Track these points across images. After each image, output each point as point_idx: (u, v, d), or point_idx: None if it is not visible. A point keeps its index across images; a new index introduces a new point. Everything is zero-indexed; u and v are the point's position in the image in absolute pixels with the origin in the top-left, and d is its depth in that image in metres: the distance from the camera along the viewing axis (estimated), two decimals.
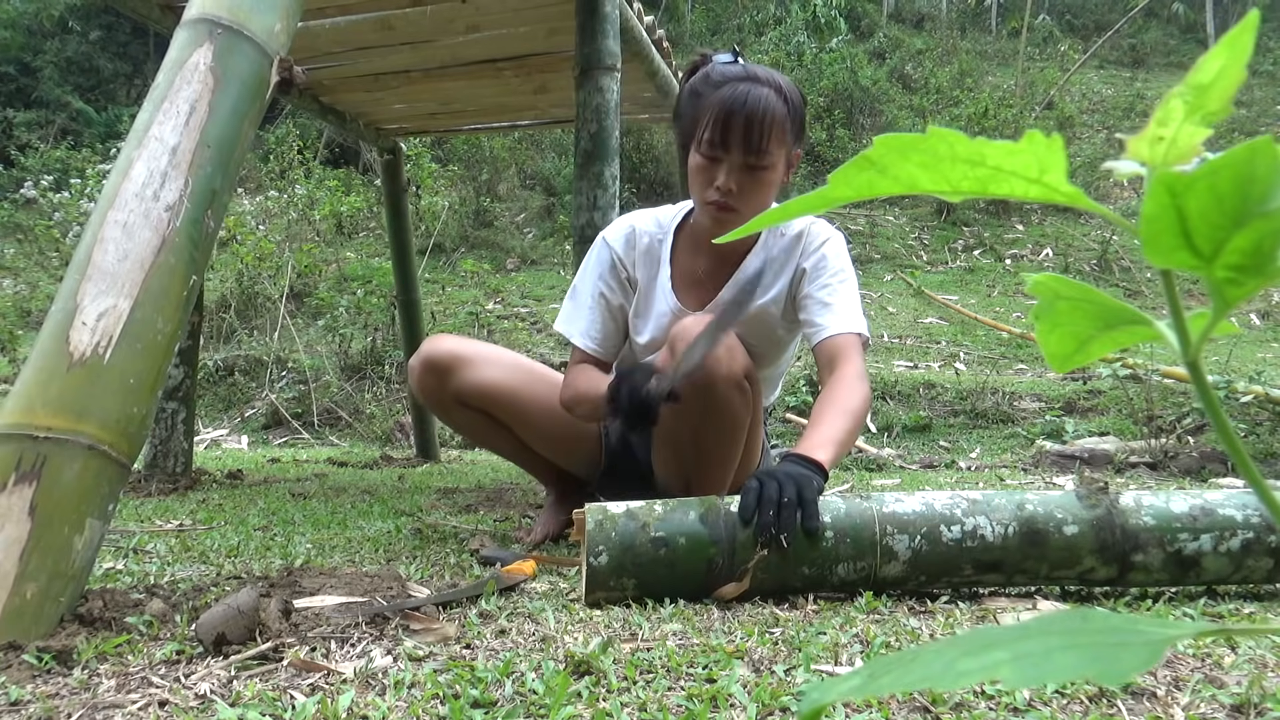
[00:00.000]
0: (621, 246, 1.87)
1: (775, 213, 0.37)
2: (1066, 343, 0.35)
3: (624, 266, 1.87)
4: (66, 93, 14.55)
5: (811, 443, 1.48)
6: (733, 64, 1.69)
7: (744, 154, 1.63)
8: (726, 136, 1.62)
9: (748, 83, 1.62)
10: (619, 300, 1.88)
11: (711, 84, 1.66)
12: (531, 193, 12.37)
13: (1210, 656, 0.99)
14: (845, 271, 1.79)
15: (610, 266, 1.87)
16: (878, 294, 9.13)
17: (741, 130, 1.61)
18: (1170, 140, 0.28)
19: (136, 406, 1.14)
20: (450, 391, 1.85)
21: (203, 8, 1.32)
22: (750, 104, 1.60)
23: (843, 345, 1.68)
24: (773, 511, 1.28)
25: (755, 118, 1.60)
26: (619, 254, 1.87)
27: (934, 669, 0.30)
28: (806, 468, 1.41)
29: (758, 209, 1.70)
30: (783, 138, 1.65)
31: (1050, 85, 14.68)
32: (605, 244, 1.89)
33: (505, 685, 0.88)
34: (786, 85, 1.67)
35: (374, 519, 2.25)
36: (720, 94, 1.62)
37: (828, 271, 1.77)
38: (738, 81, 1.63)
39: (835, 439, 1.50)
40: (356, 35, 3.17)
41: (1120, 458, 3.89)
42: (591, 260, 1.90)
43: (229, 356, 7.14)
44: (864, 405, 1.59)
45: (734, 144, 1.62)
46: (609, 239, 1.89)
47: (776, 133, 1.63)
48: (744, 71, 1.65)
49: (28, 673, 0.92)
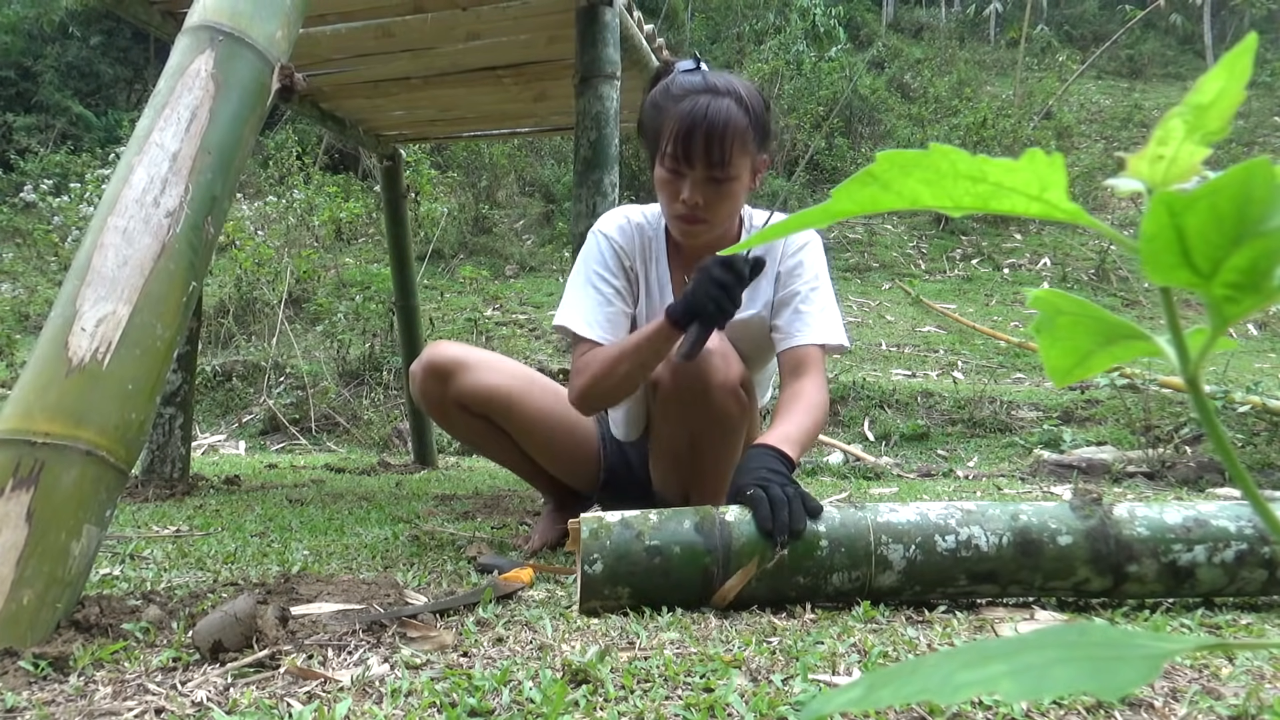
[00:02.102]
0: (620, 236, 1.84)
1: (776, 228, 0.37)
2: (1067, 356, 0.35)
3: (625, 254, 1.84)
4: (66, 97, 14.56)
5: (779, 435, 1.50)
6: (694, 73, 1.68)
7: (707, 168, 1.62)
8: (688, 151, 1.61)
9: (707, 95, 1.61)
10: (623, 288, 1.83)
11: (672, 97, 1.64)
12: (531, 199, 12.39)
13: (1208, 668, 0.99)
14: (821, 278, 1.78)
15: (612, 255, 1.83)
16: (876, 302, 9.14)
17: (703, 145, 1.59)
18: (1170, 159, 0.28)
19: (135, 412, 1.14)
20: (452, 396, 1.83)
21: (204, 14, 1.32)
22: (710, 117, 1.58)
23: (809, 356, 1.70)
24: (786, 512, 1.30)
25: (715, 131, 1.59)
26: (619, 243, 1.83)
27: (933, 681, 0.30)
28: (781, 461, 1.42)
29: (725, 218, 1.70)
30: (745, 147, 1.63)
31: (1048, 95, 14.73)
32: (601, 235, 1.85)
33: (503, 694, 0.88)
34: (747, 92, 1.65)
35: (371, 526, 2.25)
36: (680, 108, 1.61)
37: (802, 279, 1.77)
38: (697, 94, 1.61)
39: (800, 439, 1.52)
40: (357, 42, 3.18)
41: (1118, 467, 3.89)
42: (589, 252, 1.85)
43: (227, 362, 7.14)
44: (826, 413, 1.64)
45: (696, 158, 1.61)
46: (604, 230, 1.85)
47: (738, 143, 1.61)
48: (703, 83, 1.63)
49: (24, 679, 0.91)
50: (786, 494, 1.32)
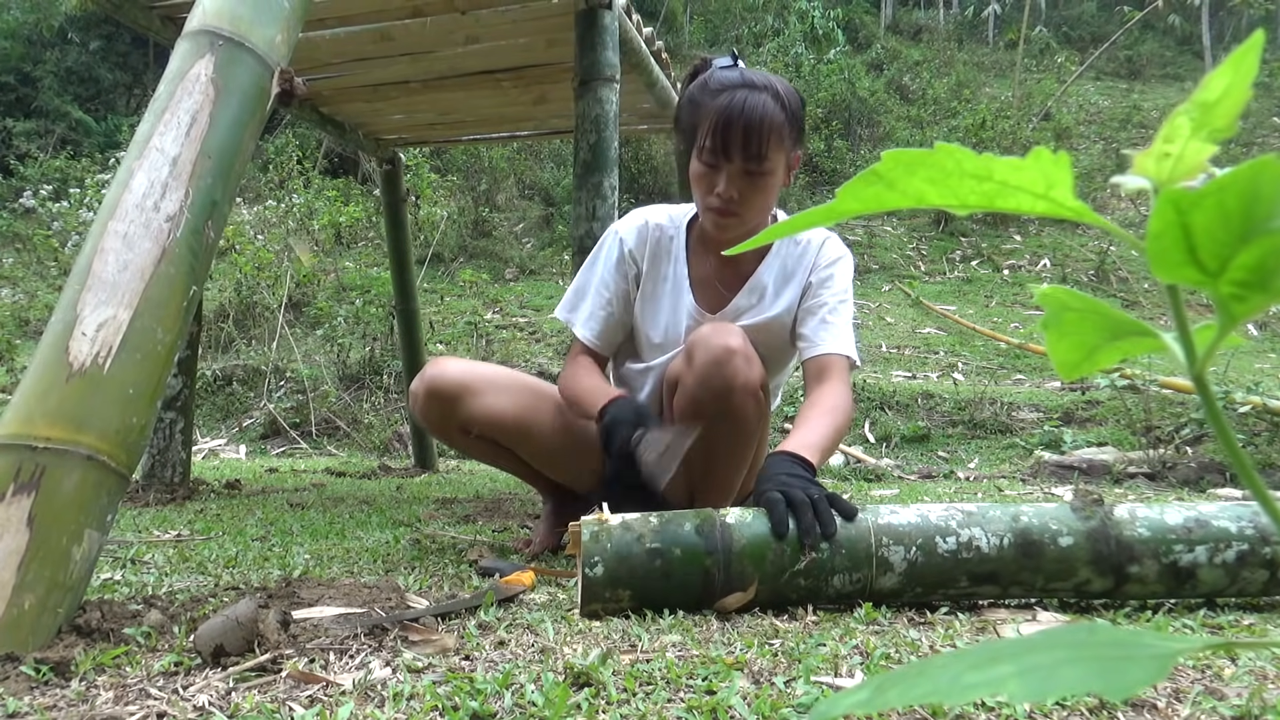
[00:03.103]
0: (634, 240, 1.87)
1: (783, 226, 0.37)
2: (1074, 351, 0.36)
3: (633, 261, 1.87)
4: (66, 102, 14.57)
5: (800, 442, 1.50)
6: (731, 69, 1.70)
7: (743, 161, 1.64)
8: (726, 144, 1.63)
9: (745, 90, 1.63)
10: (624, 294, 1.87)
11: (709, 91, 1.67)
12: (530, 203, 12.39)
13: (1210, 668, 0.99)
14: (848, 294, 1.82)
15: (619, 259, 1.87)
16: (876, 304, 9.14)
17: (740, 138, 1.62)
18: (1177, 157, 0.28)
19: (136, 417, 1.14)
20: (457, 422, 1.82)
21: (204, 19, 1.32)
22: (748, 111, 1.61)
23: (834, 364, 1.72)
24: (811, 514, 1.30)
25: (753, 125, 1.61)
26: (630, 247, 1.87)
27: (940, 682, 0.30)
28: (801, 466, 1.42)
29: (759, 213, 1.72)
30: (781, 142, 1.66)
31: (1047, 96, 14.75)
32: (616, 236, 1.88)
33: (505, 697, 0.88)
34: (784, 89, 1.68)
35: (372, 529, 2.24)
36: (718, 102, 1.64)
37: (832, 291, 1.79)
38: (735, 89, 1.64)
39: (821, 444, 1.53)
40: (356, 46, 3.18)
41: (1119, 468, 3.89)
42: (601, 251, 1.89)
43: (227, 366, 7.14)
44: (849, 418, 1.65)
45: (733, 151, 1.64)
46: (621, 231, 1.89)
47: (775, 138, 1.64)
48: (741, 78, 1.66)
49: (25, 684, 0.91)
50: (810, 496, 1.32)
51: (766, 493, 1.35)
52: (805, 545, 1.28)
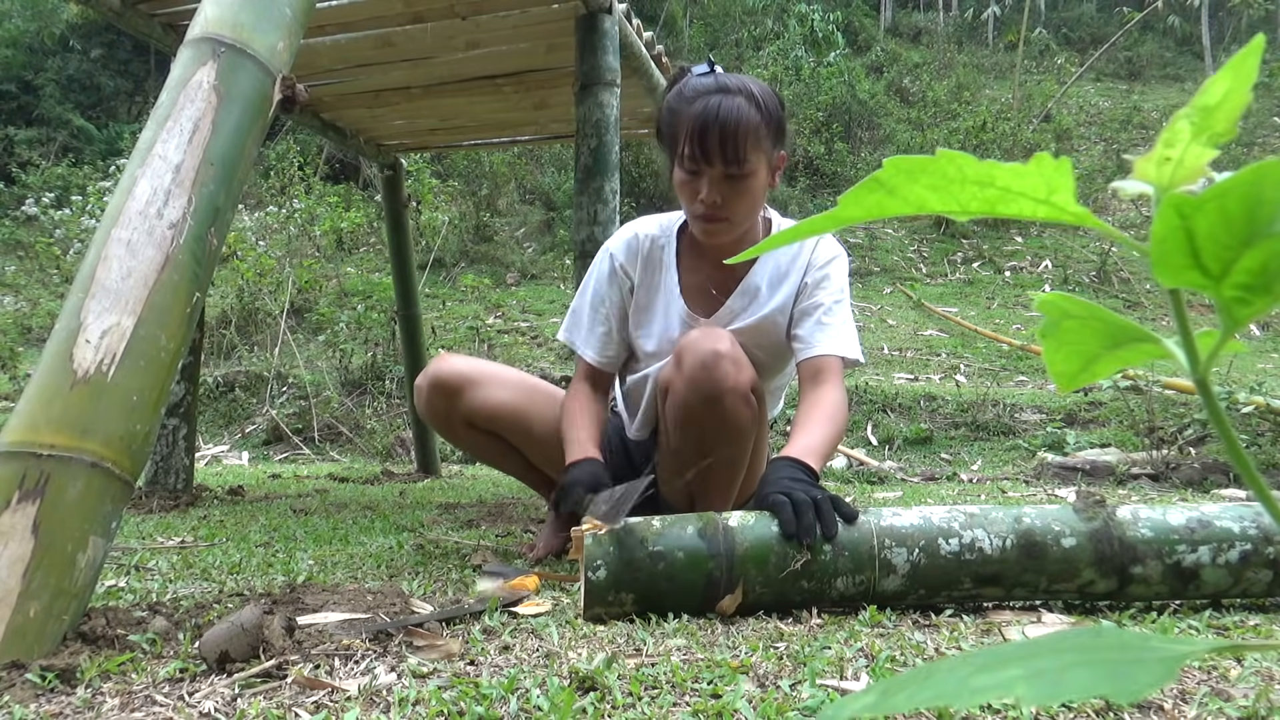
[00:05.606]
0: (623, 254, 1.88)
1: (785, 234, 0.37)
2: (1073, 361, 0.35)
3: (625, 275, 1.88)
4: (67, 110, 14.60)
5: (801, 448, 1.52)
6: (707, 75, 1.71)
7: (724, 165, 1.65)
8: (705, 150, 1.64)
9: (719, 94, 1.64)
10: (619, 308, 1.89)
11: (685, 99, 1.68)
12: (531, 208, 12.40)
13: (1216, 669, 0.99)
14: (844, 294, 1.82)
15: (610, 274, 1.88)
16: (877, 306, 9.14)
17: (718, 142, 1.63)
18: (1177, 161, 0.28)
19: (140, 424, 1.14)
20: (459, 414, 1.87)
21: (206, 27, 1.33)
22: (723, 115, 1.62)
23: (829, 365, 1.72)
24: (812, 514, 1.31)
25: (729, 129, 1.62)
26: (621, 261, 1.88)
27: (948, 686, 0.30)
28: (803, 471, 1.43)
29: (746, 215, 1.73)
30: (759, 144, 1.66)
31: (1047, 98, 14.75)
32: (607, 252, 1.91)
33: (510, 702, 0.88)
34: (760, 91, 1.68)
35: (376, 535, 2.25)
36: (694, 108, 1.64)
37: (828, 291, 1.79)
38: (709, 94, 1.65)
39: (821, 449, 1.55)
40: (357, 52, 3.19)
41: (1122, 469, 3.89)
42: (595, 271, 1.91)
43: (230, 372, 7.14)
44: (846, 421, 1.67)
45: (713, 156, 1.64)
46: (611, 248, 1.90)
47: (752, 140, 1.64)
48: (715, 83, 1.67)
49: (31, 692, 0.91)
50: (813, 498, 1.33)
51: (770, 496, 1.36)
52: (804, 544, 1.28)
